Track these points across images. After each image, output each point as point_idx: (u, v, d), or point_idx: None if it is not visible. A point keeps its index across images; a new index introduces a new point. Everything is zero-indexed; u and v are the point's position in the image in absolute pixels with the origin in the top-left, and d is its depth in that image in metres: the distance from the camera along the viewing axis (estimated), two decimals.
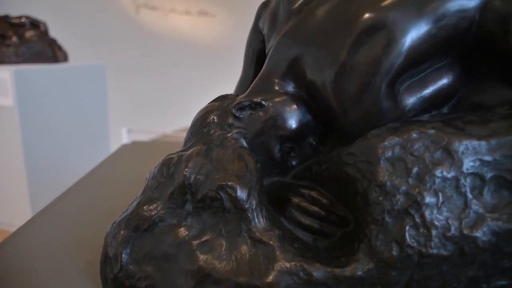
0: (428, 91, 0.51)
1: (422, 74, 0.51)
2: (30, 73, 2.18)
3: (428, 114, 0.51)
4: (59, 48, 2.65)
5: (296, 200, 0.50)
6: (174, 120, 4.58)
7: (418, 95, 0.50)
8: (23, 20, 2.57)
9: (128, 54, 4.37)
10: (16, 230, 0.67)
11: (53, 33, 2.73)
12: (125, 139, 2.50)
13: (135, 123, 3.86)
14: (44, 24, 2.65)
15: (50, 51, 2.51)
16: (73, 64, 2.60)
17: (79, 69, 2.57)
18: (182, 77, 4.78)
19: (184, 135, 0.57)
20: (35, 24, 2.61)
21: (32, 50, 2.47)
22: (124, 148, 1.19)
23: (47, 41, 2.56)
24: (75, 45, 3.34)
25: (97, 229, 0.59)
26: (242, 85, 0.69)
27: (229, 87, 0.76)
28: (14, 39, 2.46)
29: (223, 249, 0.44)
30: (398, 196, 0.41)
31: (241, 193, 0.45)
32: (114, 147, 2.43)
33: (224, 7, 5.10)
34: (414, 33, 0.47)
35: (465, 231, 0.40)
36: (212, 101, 0.58)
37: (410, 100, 0.50)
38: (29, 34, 2.51)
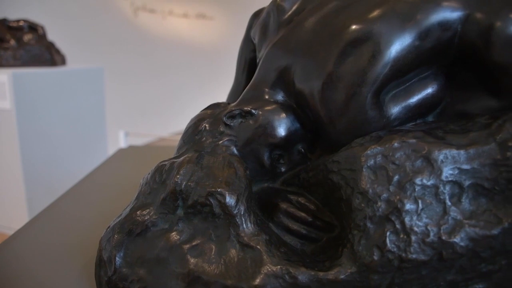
0: (413, 100, 0.52)
1: (407, 84, 0.52)
2: (28, 76, 2.18)
3: (413, 123, 0.53)
4: (57, 51, 2.66)
5: (284, 205, 0.51)
6: (171, 123, 4.58)
7: (403, 104, 0.52)
8: (21, 23, 2.57)
9: (126, 57, 4.37)
10: (14, 233, 0.69)
11: (51, 36, 2.74)
12: (122, 142, 2.50)
13: (133, 126, 3.87)
14: (42, 28, 2.66)
15: (48, 54, 2.52)
16: (71, 67, 2.60)
17: (77, 72, 2.57)
18: (180, 80, 4.79)
19: (176, 138, 0.58)
20: (33, 27, 2.62)
21: (30, 53, 2.47)
22: (120, 153, 1.21)
23: (45, 44, 2.56)
24: (73, 48, 3.34)
25: (92, 232, 0.61)
26: (234, 93, 0.71)
27: (227, 90, 0.77)
28: (12, 42, 2.46)
29: (213, 253, 0.46)
30: (379, 203, 0.43)
31: (230, 199, 0.46)
32: (111, 150, 2.44)
33: (222, 10, 5.11)
34: (399, 44, 0.49)
35: (444, 237, 0.42)
36: (205, 109, 0.60)
37: (395, 109, 0.52)
38: (27, 37, 2.52)
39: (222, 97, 0.75)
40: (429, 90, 0.53)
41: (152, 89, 4.60)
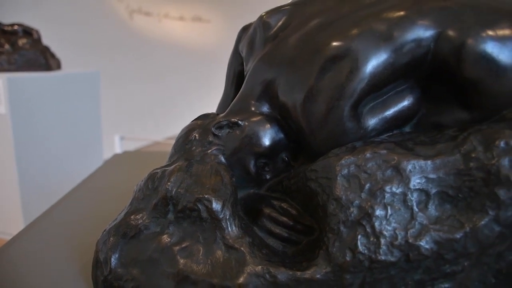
0: (389, 112, 0.56)
1: (384, 97, 0.56)
2: (23, 81, 2.18)
3: (390, 133, 0.57)
4: (52, 55, 2.67)
5: (267, 210, 0.55)
6: (167, 127, 4.61)
7: (380, 116, 0.56)
8: (15, 27, 2.58)
9: (121, 61, 4.37)
10: (13, 237, 0.72)
11: (46, 40, 2.75)
12: (117, 146, 2.53)
13: (128, 130, 3.89)
14: (37, 32, 2.67)
15: (43, 59, 2.52)
16: (66, 72, 2.61)
17: (72, 76, 2.58)
18: (176, 83, 4.80)
19: (171, 142, 0.62)
20: (28, 31, 2.63)
21: (24, 58, 2.48)
22: (115, 158, 1.25)
23: (40, 48, 2.56)
24: (68, 52, 3.35)
25: (89, 235, 0.65)
26: (223, 103, 0.75)
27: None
28: (7, 46, 2.47)
29: (200, 254, 0.50)
30: (352, 209, 0.47)
31: (216, 205, 0.51)
32: (107, 154, 2.45)
33: (219, 13, 5.13)
34: (375, 61, 0.53)
35: (410, 240, 0.46)
36: (195, 120, 0.64)
37: (372, 121, 0.55)
38: (21, 41, 2.52)
39: (218, 100, 0.78)
40: (405, 103, 0.56)
41: (147, 93, 4.61)
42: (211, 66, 4.69)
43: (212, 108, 0.78)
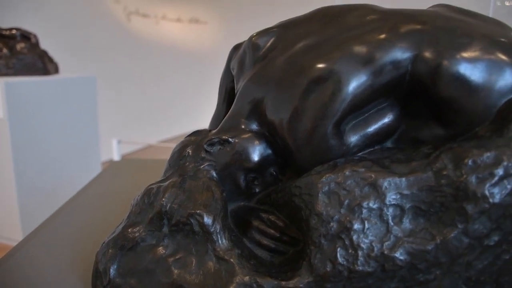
0: (370, 129, 0.60)
1: (366, 115, 0.59)
2: (21, 85, 2.20)
3: (371, 149, 0.61)
4: (50, 60, 2.69)
5: (256, 223, 0.59)
6: (164, 130, 4.64)
7: (362, 133, 0.59)
8: (13, 32, 2.60)
9: (119, 63, 4.38)
10: (13, 247, 0.76)
11: (44, 44, 2.78)
12: (115, 150, 2.56)
13: (125, 134, 3.92)
14: (35, 36, 2.70)
15: (40, 63, 2.54)
16: (63, 76, 2.62)
17: (70, 81, 2.59)
18: (173, 86, 4.82)
19: (169, 145, 0.66)
20: (25, 36, 2.65)
21: (22, 62, 2.50)
22: (113, 166, 1.28)
23: (37, 53, 2.58)
24: (66, 55, 3.38)
25: (88, 246, 0.68)
26: (216, 119, 0.78)
27: None
28: (5, 51, 2.49)
29: (193, 265, 0.54)
30: (332, 223, 0.51)
31: (207, 219, 0.55)
32: (104, 158, 2.48)
33: (216, 15, 5.15)
34: (356, 83, 0.56)
35: (386, 252, 0.50)
36: (188, 136, 0.68)
37: (354, 138, 0.59)
38: (19, 46, 2.54)
39: (215, 103, 0.81)
40: (386, 120, 0.59)
41: (145, 96, 4.62)
42: (208, 67, 4.71)
43: (209, 110, 0.81)
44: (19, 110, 2.18)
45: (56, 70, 2.73)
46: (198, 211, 0.55)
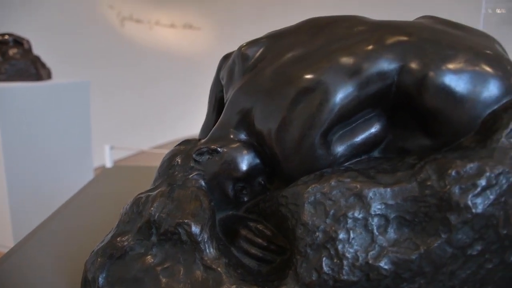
0: (357, 139, 0.60)
1: (353, 125, 0.60)
2: (13, 90, 2.19)
3: (358, 159, 0.62)
4: (43, 65, 2.69)
5: (244, 232, 0.60)
6: (157, 136, 4.63)
7: (349, 143, 0.60)
8: (6, 37, 2.59)
9: (112, 69, 4.38)
10: (3, 255, 0.76)
11: (37, 49, 2.77)
12: (107, 155, 2.56)
13: (118, 139, 3.92)
14: (28, 41, 2.69)
15: (33, 69, 2.54)
16: (56, 82, 2.62)
17: (62, 86, 2.59)
18: (166, 92, 4.82)
19: (162, 151, 0.67)
20: (18, 41, 2.65)
21: (15, 68, 2.49)
22: (104, 173, 1.28)
23: (30, 58, 2.57)
24: (59, 60, 3.37)
25: (78, 255, 0.69)
26: (206, 127, 0.79)
27: None
28: None
29: (181, 274, 0.55)
30: (317, 233, 0.52)
31: (195, 229, 0.55)
32: (96, 164, 2.47)
33: (209, 20, 5.16)
34: (342, 93, 0.57)
35: (371, 261, 0.51)
36: (178, 145, 0.69)
37: (341, 148, 0.60)
38: (12, 51, 2.53)
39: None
40: (373, 130, 0.60)
41: (138, 102, 4.61)
42: (202, 73, 4.70)
43: (203, 116, 0.82)
44: (12, 116, 2.17)
45: (49, 75, 2.73)
46: (186, 221, 0.56)
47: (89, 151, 2.77)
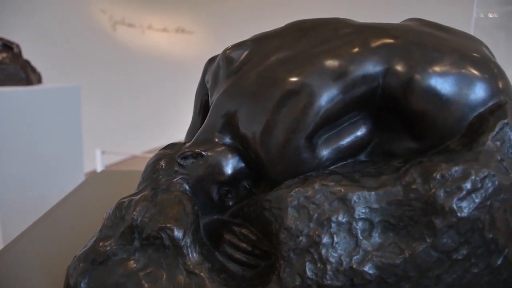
0: (343, 142, 0.60)
1: (339, 128, 0.60)
2: (3, 95, 2.16)
3: (344, 162, 0.61)
4: (33, 70, 2.66)
5: (228, 236, 0.59)
6: (148, 141, 4.62)
7: (334, 147, 0.60)
8: None
9: (104, 73, 4.36)
10: None
11: (27, 53, 2.75)
12: (99, 160, 2.55)
13: (109, 144, 3.90)
14: (17, 46, 2.67)
15: (23, 73, 2.51)
16: (46, 86, 2.59)
17: (53, 91, 2.57)
18: (158, 96, 4.81)
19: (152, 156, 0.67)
20: (8, 45, 2.62)
21: (4, 72, 2.46)
22: (94, 177, 1.28)
23: (20, 63, 2.55)
24: (50, 65, 3.35)
25: (62, 260, 0.68)
26: (191, 131, 0.78)
27: None
28: None
29: (164, 279, 0.54)
30: (301, 238, 0.52)
31: (178, 233, 0.55)
32: (87, 168, 2.46)
33: (202, 24, 5.16)
34: (327, 96, 0.57)
35: (355, 266, 0.51)
36: (163, 149, 0.68)
37: (327, 151, 0.59)
38: (1, 56, 2.50)
39: None
40: (359, 133, 0.60)
41: (130, 106, 4.60)
42: (194, 77, 4.69)
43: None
44: (2, 120, 2.16)
45: (39, 80, 2.70)
46: (168, 225, 0.55)
47: (80, 156, 2.75)
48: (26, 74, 2.53)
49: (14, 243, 0.82)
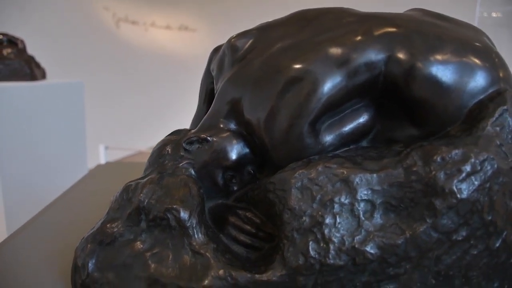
0: (345, 129, 0.61)
1: (341, 115, 0.61)
2: (7, 90, 2.17)
3: (346, 148, 0.62)
4: (37, 65, 2.67)
5: (232, 219, 0.61)
6: (151, 137, 4.62)
7: (337, 133, 0.61)
8: (0, 37, 2.59)
9: (107, 70, 4.37)
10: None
11: (31, 49, 2.76)
12: (102, 156, 2.55)
13: (113, 140, 3.91)
14: (22, 41, 2.68)
15: (27, 69, 2.51)
16: (50, 82, 2.59)
17: (57, 86, 2.57)
18: (161, 92, 4.81)
19: None
20: (12, 41, 2.63)
21: (9, 68, 2.46)
22: (98, 168, 1.29)
23: (24, 58, 2.55)
24: (54, 61, 3.36)
25: (69, 243, 0.69)
26: (197, 119, 0.80)
27: None
28: None
29: (170, 259, 0.55)
30: (304, 218, 0.53)
31: (184, 214, 0.56)
32: (91, 164, 2.46)
33: (205, 22, 5.16)
34: (330, 83, 0.58)
35: (357, 246, 0.52)
36: (169, 135, 0.69)
37: (330, 137, 0.60)
38: (6, 51, 2.51)
39: None
40: (361, 120, 0.61)
41: (133, 102, 4.60)
42: (197, 74, 4.68)
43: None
44: (6, 116, 2.16)
45: (43, 75, 2.71)
46: (174, 206, 0.56)
47: (84, 151, 2.75)
48: (30, 70, 2.53)
49: (20, 231, 0.83)
